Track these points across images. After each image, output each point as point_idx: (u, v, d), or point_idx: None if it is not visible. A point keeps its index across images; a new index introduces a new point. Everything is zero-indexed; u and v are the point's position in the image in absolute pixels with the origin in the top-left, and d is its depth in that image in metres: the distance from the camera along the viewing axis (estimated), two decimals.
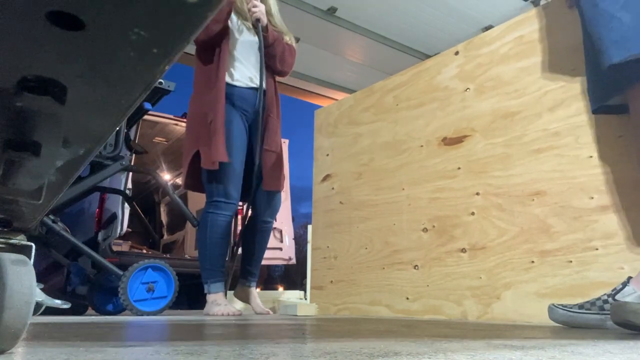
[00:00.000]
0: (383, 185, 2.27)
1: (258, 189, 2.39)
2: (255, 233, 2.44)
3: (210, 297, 2.24)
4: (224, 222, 2.25)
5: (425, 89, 2.18)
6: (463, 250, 1.85)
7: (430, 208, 2.02)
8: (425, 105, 2.16)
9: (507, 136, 1.79)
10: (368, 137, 2.43)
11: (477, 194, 1.84)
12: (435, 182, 2.03)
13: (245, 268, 2.48)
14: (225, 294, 2.32)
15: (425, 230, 2.02)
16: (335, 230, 2.49)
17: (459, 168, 1.94)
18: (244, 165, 2.30)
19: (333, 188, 2.57)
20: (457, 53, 2.07)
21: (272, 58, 2.39)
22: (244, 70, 2.35)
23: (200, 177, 2.33)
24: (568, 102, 1.62)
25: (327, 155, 2.66)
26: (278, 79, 2.52)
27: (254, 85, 2.35)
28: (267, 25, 2.33)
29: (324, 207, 2.60)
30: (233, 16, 2.36)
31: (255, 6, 2.31)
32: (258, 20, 2.31)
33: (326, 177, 2.64)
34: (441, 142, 2.05)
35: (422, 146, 2.13)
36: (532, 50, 1.78)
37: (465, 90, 1.99)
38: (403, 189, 2.17)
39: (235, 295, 2.53)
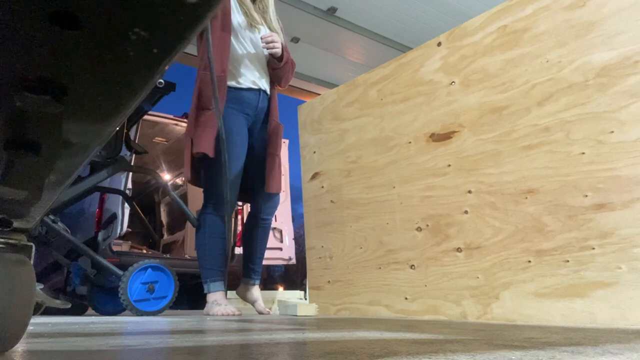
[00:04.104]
0: (373, 183, 2.23)
1: (259, 189, 2.44)
2: (256, 231, 2.50)
3: (210, 297, 2.25)
4: (222, 221, 2.28)
5: (409, 83, 2.12)
6: (459, 250, 1.82)
7: (422, 207, 1.99)
8: (410, 100, 2.10)
9: (496, 132, 1.75)
10: (354, 134, 2.37)
11: (469, 192, 1.81)
12: (426, 180, 1.99)
13: (248, 266, 2.50)
14: (226, 294, 2.33)
15: (419, 229, 1.99)
16: (329, 230, 2.44)
17: (449, 165, 1.90)
18: (243, 167, 2.34)
19: (323, 186, 2.51)
20: (439, 44, 2.01)
21: (278, 78, 2.49)
22: (248, 74, 2.41)
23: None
24: (557, 96, 1.58)
25: (314, 152, 2.59)
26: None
27: (256, 87, 2.42)
28: (283, 51, 2.38)
29: (315, 207, 2.55)
30: (237, 15, 2.38)
31: (274, 42, 2.33)
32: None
33: (315, 176, 2.58)
34: (429, 138, 1.99)
35: (410, 142, 2.08)
36: (516, 41, 1.73)
37: (451, 83, 1.94)
38: (394, 187, 2.12)
39: (238, 293, 2.53)
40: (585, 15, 1.54)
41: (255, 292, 2.48)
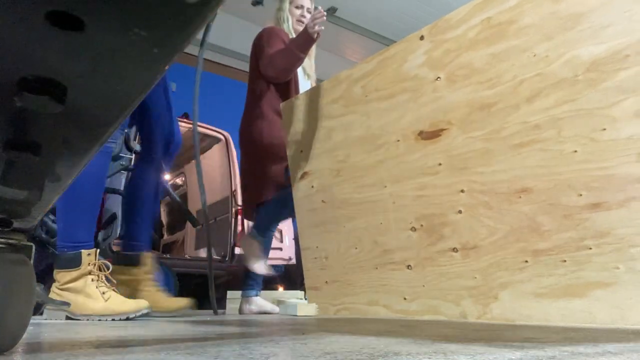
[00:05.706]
0: (364, 182, 2.18)
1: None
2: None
3: (248, 298, 2.53)
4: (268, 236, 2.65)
5: (393, 79, 2.06)
6: (455, 250, 1.80)
7: (415, 206, 1.95)
8: (395, 96, 2.05)
9: (486, 129, 1.70)
10: (341, 132, 2.31)
11: (462, 191, 1.77)
12: (417, 179, 1.95)
13: (249, 276, 2.54)
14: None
15: (413, 229, 1.95)
16: (322, 230, 2.40)
17: (439, 164, 1.85)
18: None
19: (313, 186, 2.46)
20: (422, 38, 1.96)
21: None
22: None
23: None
24: (546, 92, 1.55)
25: (301, 151, 2.54)
26: None
27: None
28: None
29: (307, 207, 2.51)
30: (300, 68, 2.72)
31: None
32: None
33: (304, 175, 2.52)
34: (417, 136, 1.94)
35: (398, 141, 2.02)
36: (501, 34, 1.68)
37: (436, 79, 1.88)
38: (385, 187, 2.08)
39: (241, 311, 2.55)
40: (572, 6, 1.50)
41: (259, 301, 2.52)
